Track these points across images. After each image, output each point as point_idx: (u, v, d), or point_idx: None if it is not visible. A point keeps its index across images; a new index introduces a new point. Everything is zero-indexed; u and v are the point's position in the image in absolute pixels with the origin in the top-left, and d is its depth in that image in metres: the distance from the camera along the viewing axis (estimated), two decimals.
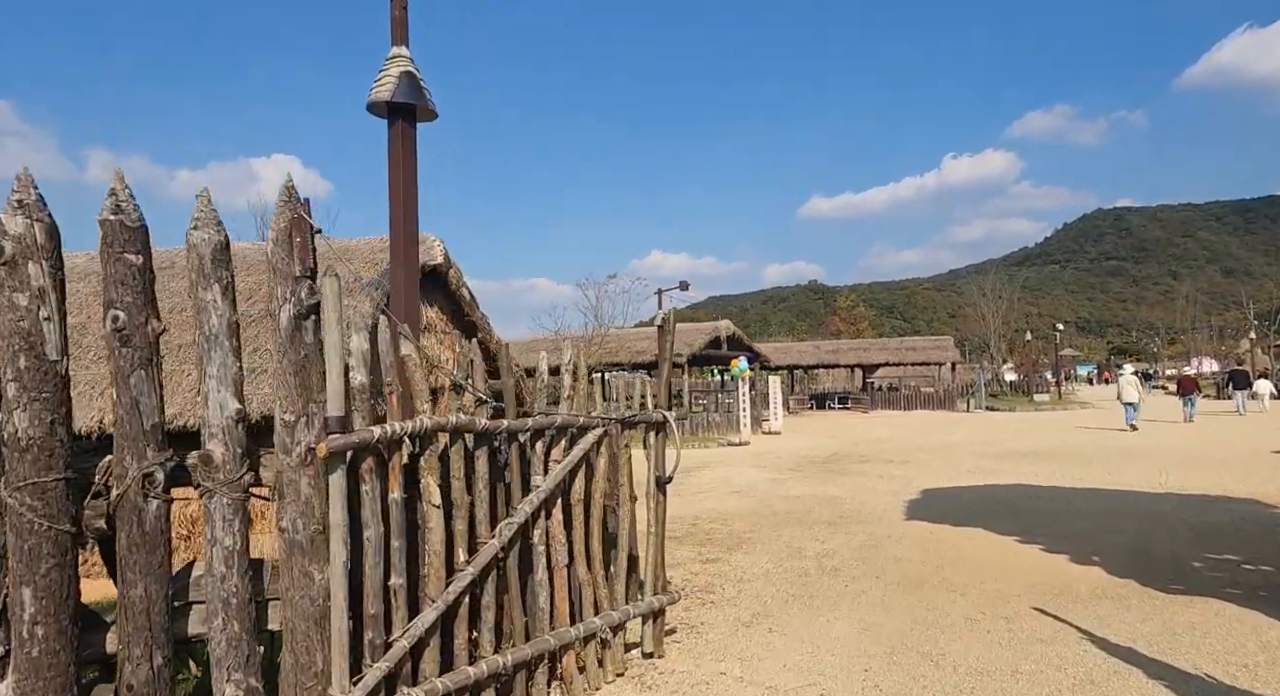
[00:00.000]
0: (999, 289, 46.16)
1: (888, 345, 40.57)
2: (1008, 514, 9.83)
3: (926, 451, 17.89)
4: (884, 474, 14.02)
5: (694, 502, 11.34)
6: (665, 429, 5.16)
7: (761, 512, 10.36)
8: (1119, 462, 14.74)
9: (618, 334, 27.96)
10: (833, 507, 10.62)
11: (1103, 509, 9.97)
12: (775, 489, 12.52)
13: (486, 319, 9.63)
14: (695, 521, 9.83)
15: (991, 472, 13.82)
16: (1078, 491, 11.48)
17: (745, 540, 8.55)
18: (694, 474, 14.74)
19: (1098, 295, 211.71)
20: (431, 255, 8.51)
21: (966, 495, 11.41)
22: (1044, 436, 21.13)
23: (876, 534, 8.73)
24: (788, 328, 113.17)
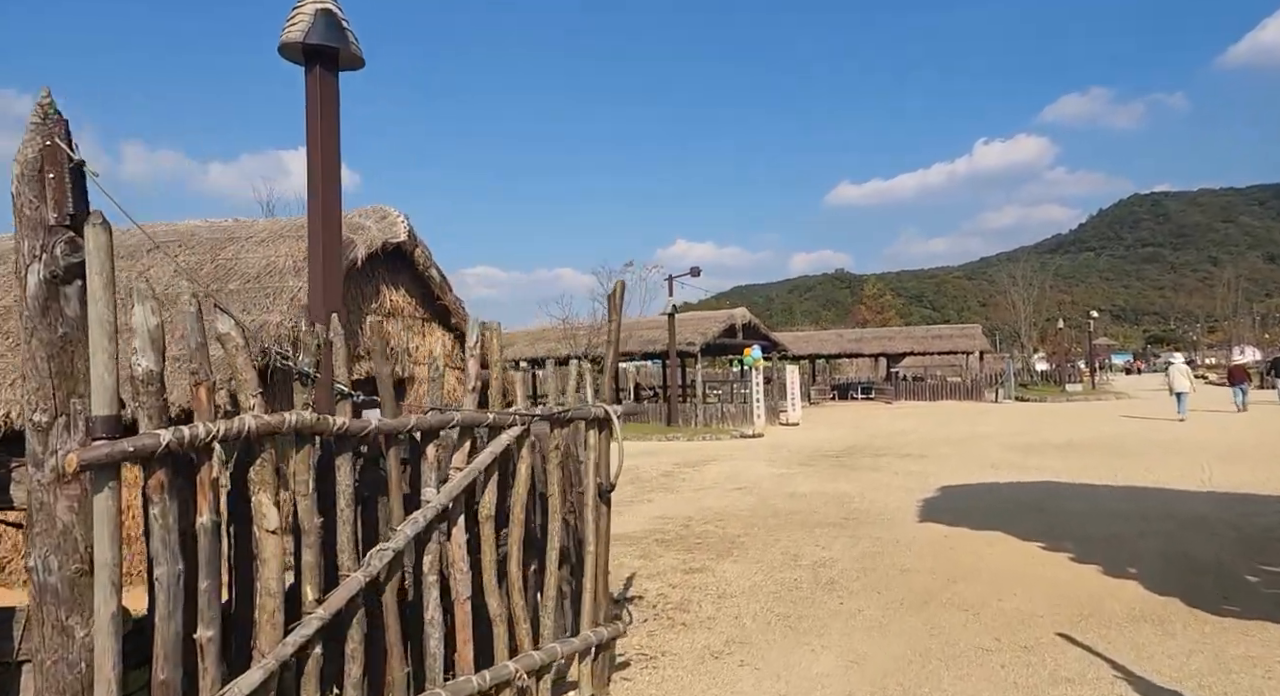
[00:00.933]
0: (1030, 276, 44.67)
1: (913, 333, 39.34)
2: (1033, 515, 8.91)
3: (949, 444, 16.91)
4: (900, 469, 13.11)
5: (692, 500, 10.52)
6: (609, 426, 4.30)
7: (762, 512, 9.52)
8: (1157, 457, 13.69)
9: (629, 323, 27.11)
10: (840, 507, 9.76)
11: (1139, 510, 9.01)
12: (781, 485, 11.67)
13: (461, 303, 8.87)
14: (689, 522, 9.02)
15: (1017, 468, 12.85)
16: (1112, 490, 10.52)
17: (738, 545, 7.72)
18: (699, 468, 13.93)
19: (1134, 283, 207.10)
20: (393, 231, 7.76)
21: (988, 493, 10.49)
22: (1076, 428, 20.02)
23: (884, 538, 7.87)
24: (812, 317, 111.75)
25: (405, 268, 8.14)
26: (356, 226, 7.53)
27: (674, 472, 13.49)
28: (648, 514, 9.63)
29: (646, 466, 14.43)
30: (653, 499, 10.75)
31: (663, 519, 9.27)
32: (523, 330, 29.95)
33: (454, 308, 8.51)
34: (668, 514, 9.58)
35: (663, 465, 14.62)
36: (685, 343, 23.93)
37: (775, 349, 28.50)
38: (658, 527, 8.68)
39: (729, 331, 25.21)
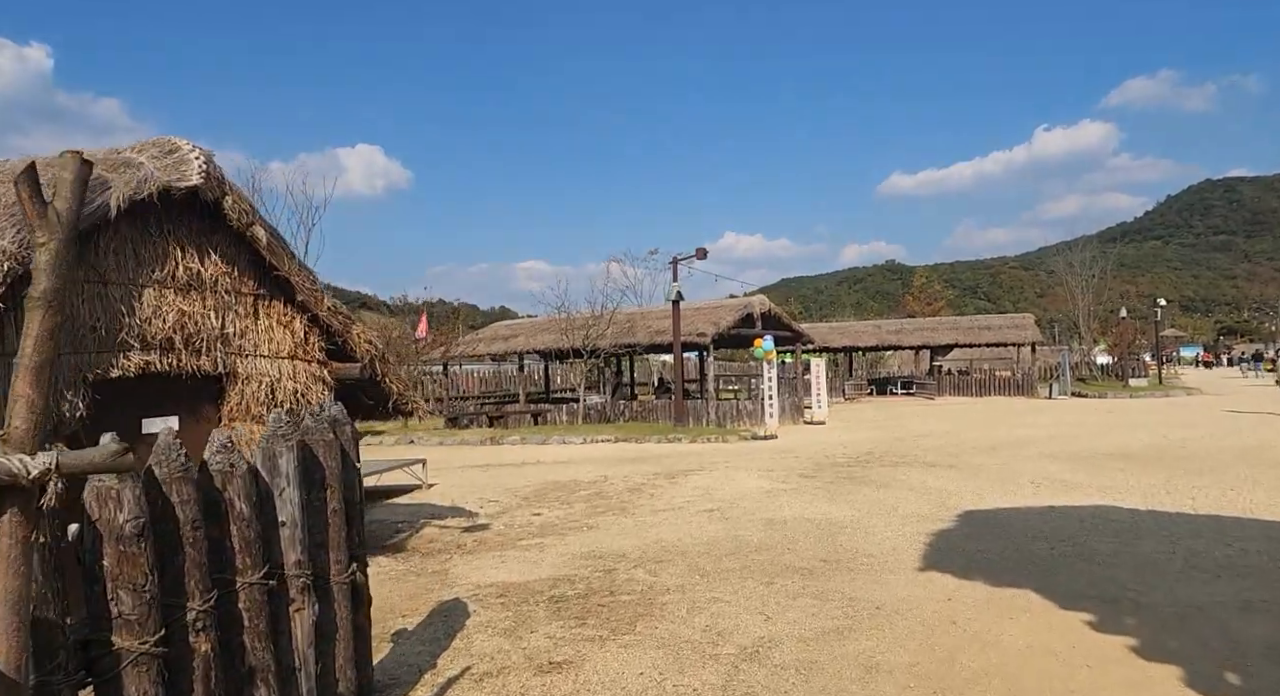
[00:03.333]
0: (1089, 262, 41.19)
1: (958, 324, 36.28)
2: (1079, 563, 6.53)
3: (984, 451, 14.37)
4: (918, 485, 10.71)
5: (643, 529, 8.31)
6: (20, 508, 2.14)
7: (720, 550, 7.28)
8: (1243, 471, 11.05)
9: (632, 313, 24.90)
10: (824, 543, 7.47)
11: (1233, 557, 6.56)
12: (763, 507, 9.39)
13: (314, 277, 6.74)
14: (618, 564, 6.82)
15: (1063, 486, 10.36)
16: (1191, 521, 8.03)
17: (655, 609, 5.49)
18: (678, 481, 11.70)
19: (1204, 272, 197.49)
20: (180, 173, 5.63)
21: (1021, 524, 8.08)
22: (1139, 430, 17.26)
23: (861, 602, 5.57)
24: (860, 309, 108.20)
25: (216, 226, 6.06)
26: (120, 163, 5.46)
27: (646, 486, 11.28)
28: (575, 549, 7.45)
29: (620, 478, 12.25)
30: (596, 525, 8.57)
31: (588, 558, 7.09)
32: (529, 320, 27.98)
33: (300, 281, 6.38)
34: (600, 550, 7.40)
35: (640, 476, 12.42)
36: (695, 333, 21.63)
37: (799, 340, 26.00)
38: (571, 574, 6.50)
39: (745, 321, 22.79)
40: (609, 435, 19.27)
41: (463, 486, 11.69)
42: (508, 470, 13.80)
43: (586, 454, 16.32)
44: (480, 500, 10.36)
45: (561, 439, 19.29)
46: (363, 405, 7.42)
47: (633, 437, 18.89)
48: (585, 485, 11.50)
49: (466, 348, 26.72)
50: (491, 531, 8.33)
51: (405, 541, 7.94)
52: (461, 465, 14.90)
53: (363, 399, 7.32)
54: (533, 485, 11.64)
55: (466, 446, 19.19)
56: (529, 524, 8.69)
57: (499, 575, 6.44)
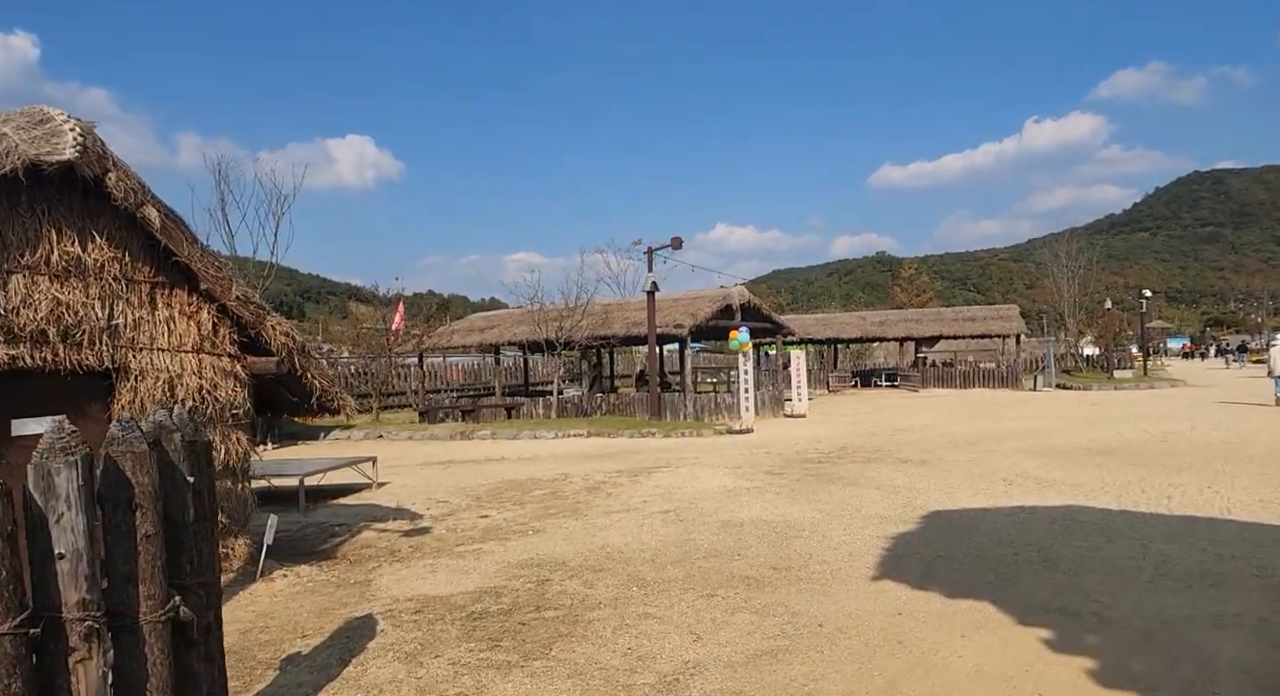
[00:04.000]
0: (1075, 253, 40.88)
1: (943, 315, 35.92)
2: (1044, 571, 6.14)
3: (960, 446, 14.00)
4: (886, 483, 10.32)
5: (591, 533, 7.89)
6: None
7: (666, 557, 6.86)
8: (1222, 468, 10.70)
9: (608, 304, 24.44)
10: (777, 548, 7.06)
11: (1208, 562, 6.17)
12: (722, 508, 8.98)
13: (221, 264, 6.26)
14: (553, 573, 6.39)
15: (1037, 483, 9.99)
16: (1166, 522, 7.66)
17: (579, 628, 5.06)
18: (640, 479, 11.28)
19: (1191, 264, 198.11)
20: (53, 145, 5.13)
21: (987, 526, 7.70)
22: (1121, 424, 16.93)
23: (804, 617, 5.16)
24: (846, 299, 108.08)
25: (107, 207, 5.57)
26: None
27: (605, 485, 10.86)
28: (514, 556, 7.02)
29: (581, 475, 11.82)
30: (543, 529, 8.14)
31: (525, 566, 6.66)
32: (506, 312, 27.44)
33: (203, 268, 5.90)
34: (540, 557, 6.97)
35: (602, 473, 12.00)
36: (672, 325, 21.20)
37: (780, 332, 25.60)
38: (501, 585, 6.07)
39: (724, 313, 22.37)
40: (582, 430, 18.84)
41: (416, 485, 11.24)
42: (469, 467, 13.35)
43: (555, 449, 15.89)
44: (429, 500, 9.92)
45: (533, 433, 18.85)
46: (286, 402, 6.97)
47: (606, 432, 18.46)
48: (543, 483, 11.07)
49: (441, 339, 26.21)
50: (431, 536, 7.89)
51: (337, 547, 7.50)
52: (423, 461, 14.45)
53: (286, 395, 6.88)
54: (489, 484, 11.20)
55: (435, 441, 18.73)
56: (473, 527, 8.25)
57: (424, 587, 6.00)
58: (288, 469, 9.79)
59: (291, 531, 8.27)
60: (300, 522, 8.74)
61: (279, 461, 11.64)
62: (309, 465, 10.18)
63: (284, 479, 9.77)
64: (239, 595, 5.66)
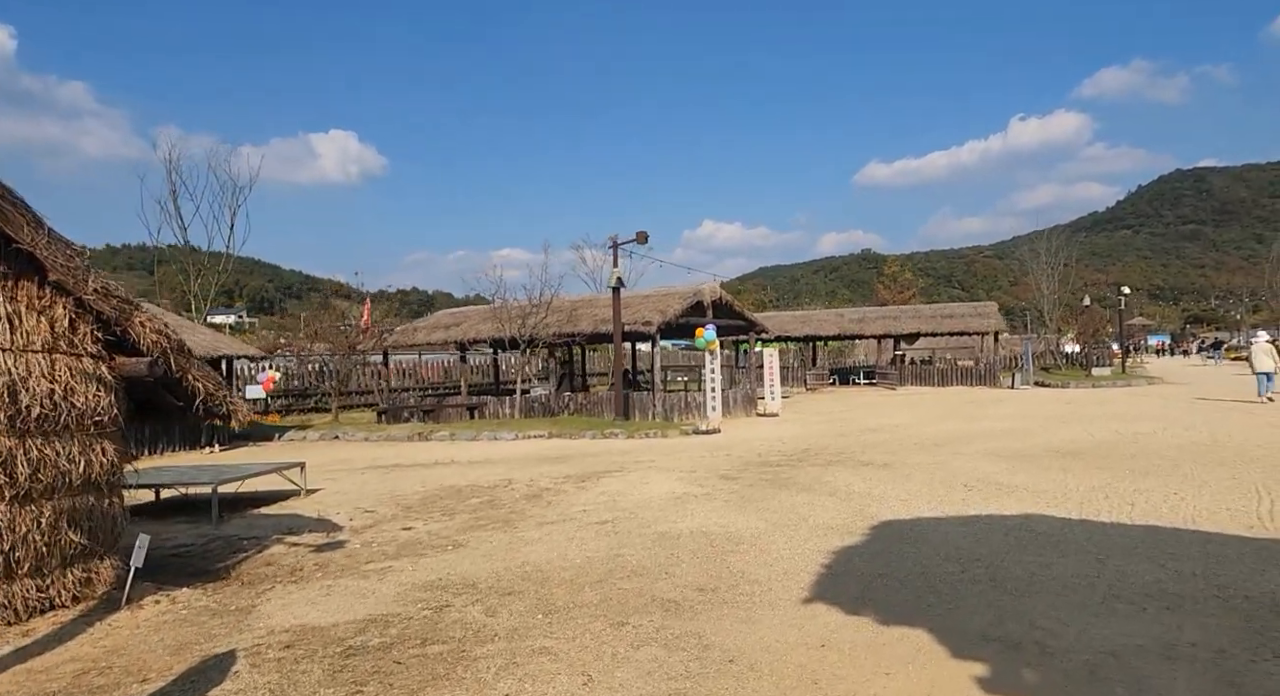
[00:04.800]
0: (1054, 251, 40.63)
1: (921, 313, 35.53)
2: (990, 590, 5.65)
3: (927, 448, 13.55)
4: (842, 488, 9.83)
5: (515, 549, 7.35)
6: None
7: (588, 576, 6.34)
8: (1191, 471, 10.28)
9: (575, 301, 23.86)
10: (709, 565, 6.55)
11: (1166, 581, 5.70)
12: (664, 517, 8.46)
13: (75, 252, 5.62)
14: (458, 598, 5.85)
15: (998, 490, 9.52)
16: (1125, 533, 7.19)
17: (456, 670, 4.47)
18: (587, 485, 10.75)
19: (1173, 261, 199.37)
20: None
21: (939, 538, 7.21)
22: (1093, 423, 16.53)
23: (716, 650, 4.65)
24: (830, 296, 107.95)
25: None
26: None
27: (549, 492, 10.33)
28: (423, 576, 6.48)
29: (526, 481, 11.29)
30: (465, 543, 7.59)
31: (430, 589, 6.12)
32: (473, 309, 26.82)
33: (51, 257, 5.27)
34: (450, 577, 6.43)
35: (550, 478, 11.46)
36: (641, 322, 20.64)
37: (754, 329, 25.10)
38: (394, 613, 5.52)
39: (695, 309, 21.83)
40: (543, 431, 18.29)
41: (348, 492, 10.67)
42: (413, 471, 12.78)
43: (511, 452, 15.34)
44: (356, 510, 9.35)
45: (493, 435, 18.28)
46: (171, 407, 6.38)
47: (568, 433, 17.92)
48: (483, 490, 10.52)
49: (405, 337, 25.58)
50: (344, 551, 7.33)
51: (236, 565, 6.92)
52: (367, 465, 13.87)
53: (169, 399, 6.29)
54: (426, 491, 10.65)
55: (391, 443, 18.14)
56: (392, 541, 7.70)
57: (310, 615, 5.45)
58: (203, 476, 9.18)
59: (194, 547, 7.70)
60: (209, 536, 8.16)
61: (200, 467, 11.02)
62: (229, 471, 9.58)
63: (199, 487, 9.15)
64: (94, 627, 5.09)
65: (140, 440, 16.67)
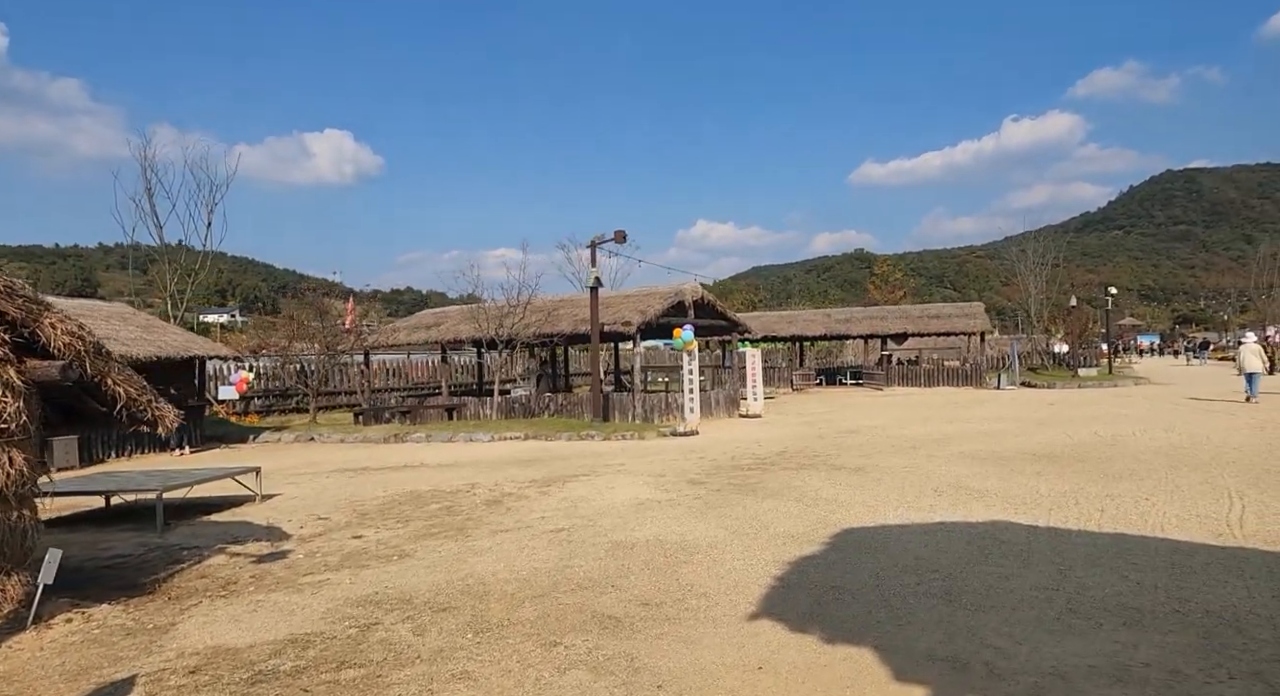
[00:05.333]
0: (1041, 251, 40.52)
1: (908, 313, 35.34)
2: (943, 605, 5.44)
3: (903, 450, 13.35)
4: (811, 493, 9.62)
5: (462, 559, 7.11)
6: None
7: (530, 589, 6.10)
8: (1165, 476, 10.10)
9: (555, 301, 23.61)
10: (660, 577, 6.32)
11: (1121, 595, 5.49)
12: (623, 525, 8.23)
13: None
14: (389, 614, 5.62)
15: (968, 495, 9.32)
16: (1092, 541, 6.98)
17: None
18: (551, 489, 10.51)
19: (1163, 261, 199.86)
20: None
21: (899, 547, 7.00)
22: (1073, 425, 16.37)
23: (649, 672, 4.42)
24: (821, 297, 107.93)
25: None
26: None
27: (510, 497, 10.09)
28: (360, 590, 6.24)
29: (490, 485, 11.05)
30: (412, 553, 7.35)
31: (362, 604, 5.88)
32: (455, 308, 26.54)
33: None
34: (388, 590, 6.19)
35: (514, 483, 11.22)
36: (620, 323, 20.41)
37: (736, 330, 24.89)
38: (318, 631, 5.27)
39: (676, 309, 21.61)
40: (520, 432, 18.04)
41: (307, 498, 10.41)
42: (379, 475, 12.52)
43: (483, 454, 15.09)
44: (310, 517, 9.09)
45: (469, 436, 18.03)
46: (94, 413, 6.12)
47: (544, 434, 17.68)
48: (445, 496, 10.27)
49: (385, 337, 25.30)
50: (284, 562, 7.08)
51: (169, 578, 6.66)
52: (336, 468, 13.60)
53: (92, 405, 6.02)
54: (386, 496, 10.39)
55: (366, 445, 17.87)
56: (337, 551, 7.45)
57: (229, 634, 5.20)
58: (150, 482, 8.90)
59: (131, 557, 7.44)
60: (150, 545, 7.89)
61: (150, 472, 10.72)
62: (180, 477, 9.31)
63: (146, 494, 8.86)
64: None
65: (107, 442, 16.39)
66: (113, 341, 16.36)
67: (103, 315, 17.97)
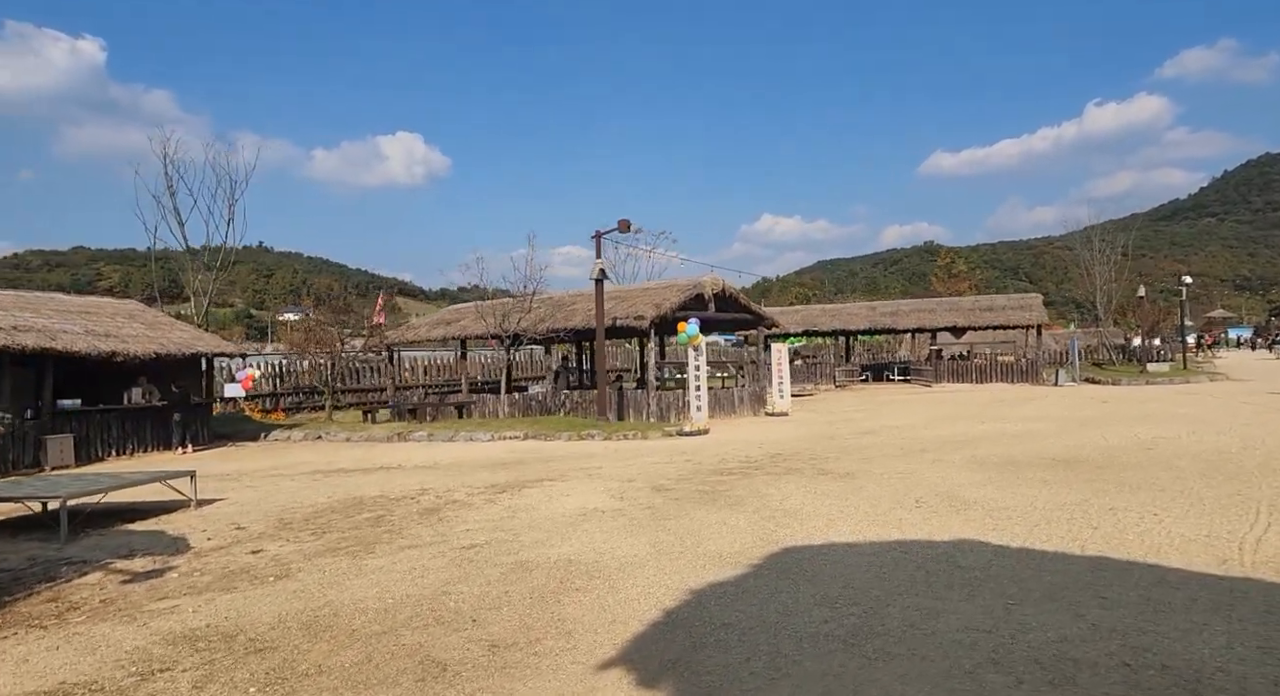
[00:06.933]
0: (1111, 239, 37.98)
1: (958, 305, 33.43)
2: (841, 651, 4.50)
3: (911, 454, 12.21)
4: (775, 504, 8.65)
5: (341, 582, 6.42)
6: None
7: (377, 626, 5.36)
8: (1192, 485, 8.82)
9: (575, 295, 22.88)
10: (533, 610, 5.50)
11: (1064, 641, 4.45)
12: (545, 540, 7.43)
13: None
14: (195, 654, 4.95)
15: (951, 507, 8.22)
16: (1060, 568, 5.89)
17: None
18: (500, 498, 9.79)
19: (1261, 250, 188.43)
20: None
21: (835, 571, 6.02)
22: (1116, 426, 14.92)
23: None
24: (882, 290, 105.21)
25: None
26: None
27: (452, 505, 9.39)
28: (193, 621, 5.59)
29: (442, 491, 10.40)
30: (294, 573, 6.69)
31: (174, 642, 5.23)
32: (470, 304, 26.07)
33: None
34: (218, 623, 5.54)
35: (473, 487, 10.55)
36: (632, 317, 19.55)
37: (761, 323, 23.78)
38: (89, 680, 4.60)
39: (695, 302, 20.64)
40: (521, 432, 17.40)
41: (245, 504, 9.89)
42: (347, 478, 11.99)
43: (470, 455, 14.47)
44: (228, 527, 8.54)
45: (470, 435, 17.48)
46: None
47: (546, 434, 16.99)
48: (387, 503, 9.64)
49: (407, 333, 25.02)
50: (152, 583, 6.48)
51: (18, 600, 6.13)
52: (313, 470, 13.15)
53: None
54: (329, 502, 9.81)
55: (369, 443, 17.47)
56: (220, 569, 6.83)
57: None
58: (59, 488, 8.44)
59: (11, 572, 6.95)
60: (40, 559, 7.42)
61: (79, 476, 10.31)
62: (99, 483, 8.86)
63: (53, 501, 8.37)
64: None
65: (107, 441, 16.35)
66: (110, 338, 16.32)
67: (108, 313, 17.99)
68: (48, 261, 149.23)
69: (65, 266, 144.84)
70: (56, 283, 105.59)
